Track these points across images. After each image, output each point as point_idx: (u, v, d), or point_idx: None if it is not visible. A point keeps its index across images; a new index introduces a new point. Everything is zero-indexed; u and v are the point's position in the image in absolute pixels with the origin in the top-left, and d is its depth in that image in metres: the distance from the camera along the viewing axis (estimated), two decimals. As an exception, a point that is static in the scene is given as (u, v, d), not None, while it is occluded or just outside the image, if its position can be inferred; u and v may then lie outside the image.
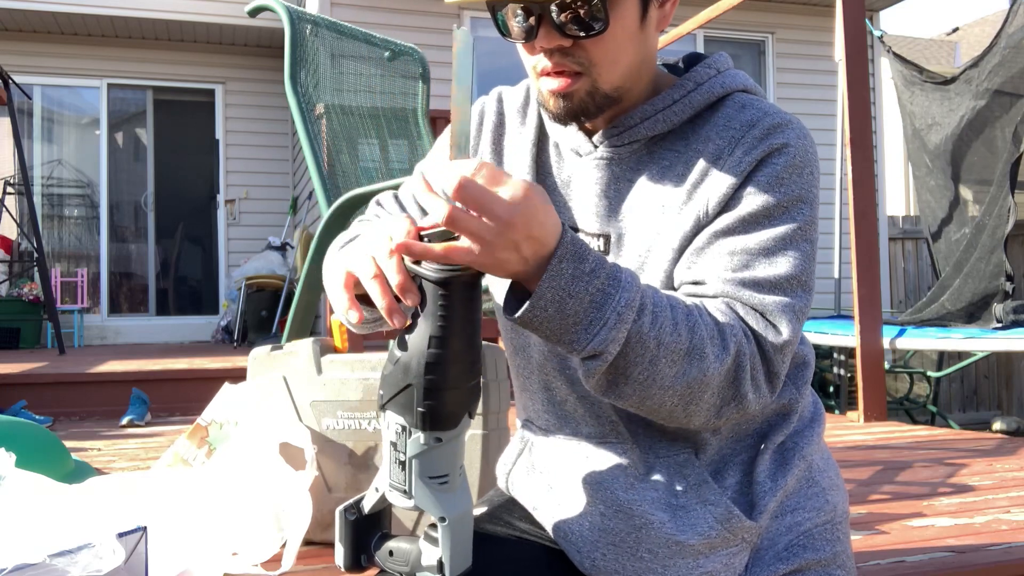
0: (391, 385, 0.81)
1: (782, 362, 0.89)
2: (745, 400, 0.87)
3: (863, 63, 3.62)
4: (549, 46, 0.90)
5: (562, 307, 0.79)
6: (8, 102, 5.50)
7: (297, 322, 2.16)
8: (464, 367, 0.80)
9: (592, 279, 0.79)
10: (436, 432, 0.81)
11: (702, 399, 0.85)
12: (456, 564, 0.84)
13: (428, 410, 0.80)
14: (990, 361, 7.86)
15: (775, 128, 0.92)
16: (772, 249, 0.90)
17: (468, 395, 0.83)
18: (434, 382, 0.79)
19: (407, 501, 0.84)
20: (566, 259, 0.78)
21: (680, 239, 0.93)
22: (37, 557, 1.01)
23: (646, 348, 0.81)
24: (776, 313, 0.89)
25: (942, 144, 5.30)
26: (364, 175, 2.58)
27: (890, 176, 10.28)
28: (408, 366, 0.80)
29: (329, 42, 2.56)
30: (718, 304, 0.89)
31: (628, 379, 0.83)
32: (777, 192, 0.90)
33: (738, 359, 0.86)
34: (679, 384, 0.83)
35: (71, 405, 4.03)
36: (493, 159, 1.06)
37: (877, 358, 3.50)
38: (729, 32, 7.26)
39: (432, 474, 0.82)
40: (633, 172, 0.97)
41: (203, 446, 1.67)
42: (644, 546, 0.94)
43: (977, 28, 16.76)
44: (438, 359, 0.78)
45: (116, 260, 8.06)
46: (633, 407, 0.87)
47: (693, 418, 0.87)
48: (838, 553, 0.98)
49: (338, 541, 0.93)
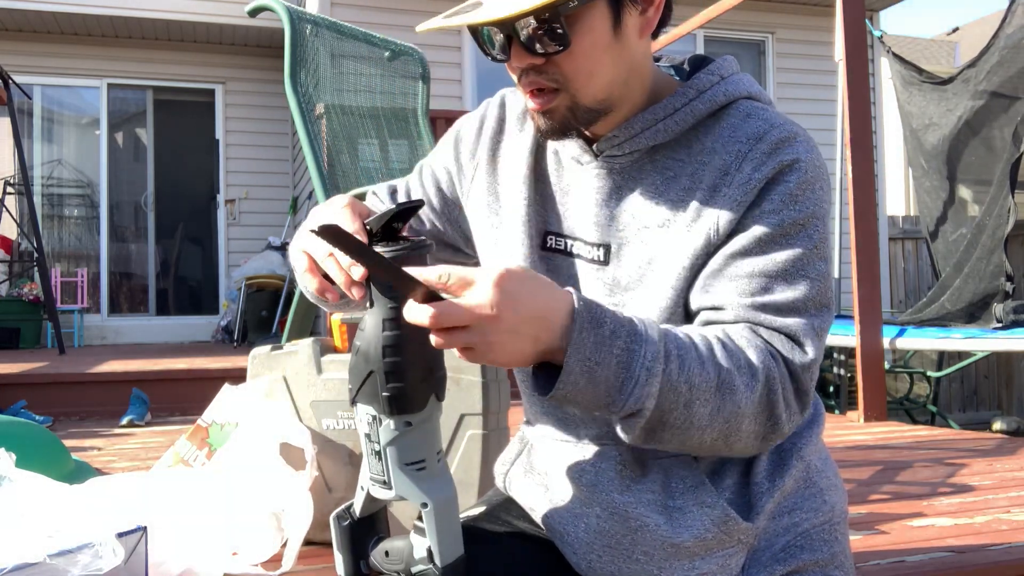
0: (356, 376, 0.82)
1: (810, 380, 0.89)
2: (780, 422, 0.87)
3: (863, 63, 3.62)
4: (521, 65, 0.90)
5: (592, 376, 0.79)
6: (8, 102, 5.49)
7: (297, 322, 2.16)
8: (423, 345, 0.79)
9: (615, 340, 0.80)
10: (405, 416, 0.82)
11: (740, 429, 0.85)
12: (446, 550, 0.83)
13: (393, 393, 0.80)
14: (990, 361, 7.85)
15: (783, 142, 0.91)
16: (790, 271, 0.89)
17: (432, 374, 0.83)
18: (395, 364, 0.79)
19: (388, 492, 0.84)
20: (585, 328, 0.79)
21: (691, 257, 0.91)
22: (37, 557, 1.01)
23: (679, 394, 0.82)
24: (800, 334, 0.89)
25: (939, 144, 5.30)
26: (364, 175, 2.58)
27: (890, 176, 10.28)
28: (368, 353, 0.81)
29: (329, 42, 2.56)
30: (740, 330, 0.88)
31: (666, 426, 0.83)
32: (791, 211, 0.89)
33: (769, 384, 0.86)
34: (717, 421, 0.84)
35: (71, 405, 4.03)
36: (490, 166, 1.06)
37: (877, 358, 3.50)
38: (729, 32, 7.26)
39: (408, 460, 0.83)
40: (634, 181, 0.96)
41: (203, 447, 1.67)
42: (640, 548, 0.94)
43: (977, 28, 16.76)
44: (395, 340, 0.79)
45: (116, 260, 8.06)
46: (675, 448, 0.87)
47: (735, 448, 0.88)
48: (836, 554, 0.97)
49: (336, 549, 0.93)
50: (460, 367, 1.57)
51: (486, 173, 1.06)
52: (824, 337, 0.91)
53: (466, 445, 1.58)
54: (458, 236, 1.11)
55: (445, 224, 1.11)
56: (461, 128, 1.11)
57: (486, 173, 1.06)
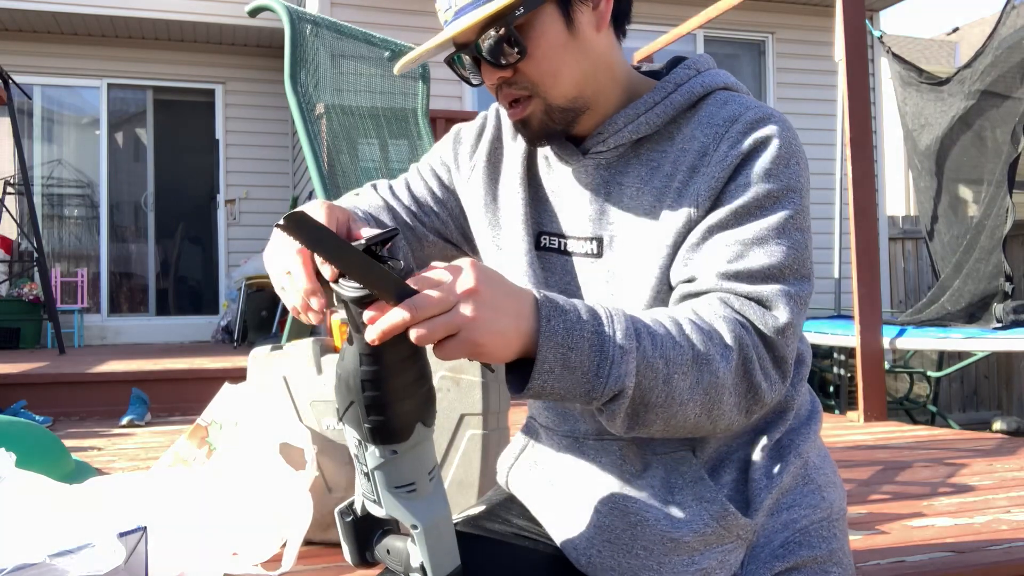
0: (341, 398, 0.79)
1: (786, 346, 0.89)
2: (760, 391, 0.87)
3: (863, 63, 3.63)
4: (492, 80, 0.94)
5: (567, 363, 0.78)
6: (8, 102, 5.50)
7: (297, 322, 2.16)
8: (406, 379, 0.76)
9: (583, 325, 0.79)
10: (389, 445, 0.78)
11: (722, 402, 0.85)
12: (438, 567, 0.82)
13: (375, 426, 0.77)
14: (990, 361, 7.86)
15: (758, 121, 0.93)
16: (765, 238, 0.90)
17: (416, 405, 0.79)
18: (375, 399, 0.76)
19: (380, 510, 0.82)
20: (553, 316, 0.78)
21: (673, 235, 0.93)
22: (37, 557, 1.01)
23: (656, 370, 0.81)
24: (772, 299, 0.88)
25: (932, 144, 5.30)
26: (364, 175, 2.58)
27: (890, 176, 10.29)
28: (348, 383, 0.77)
29: (329, 42, 2.56)
30: (710, 301, 0.89)
31: (648, 406, 0.82)
32: (767, 183, 0.91)
33: (743, 351, 0.86)
34: (697, 393, 0.83)
35: (71, 405, 4.03)
36: (487, 170, 1.08)
37: (877, 358, 3.50)
38: (729, 32, 7.27)
39: (397, 484, 0.80)
40: (621, 174, 0.99)
41: (203, 446, 1.67)
42: (639, 543, 0.95)
43: (977, 28, 16.76)
44: (373, 376, 0.75)
45: (116, 260, 8.06)
46: (660, 432, 0.86)
47: (719, 423, 0.87)
48: (835, 550, 0.98)
49: (343, 540, 0.94)
50: (460, 367, 1.57)
51: (483, 175, 1.08)
52: (803, 306, 0.91)
53: (466, 445, 1.58)
54: (458, 232, 1.13)
55: (447, 217, 1.12)
56: (461, 129, 1.14)
57: (483, 175, 1.08)
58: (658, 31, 5.46)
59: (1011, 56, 4.79)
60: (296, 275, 0.82)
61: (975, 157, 5.07)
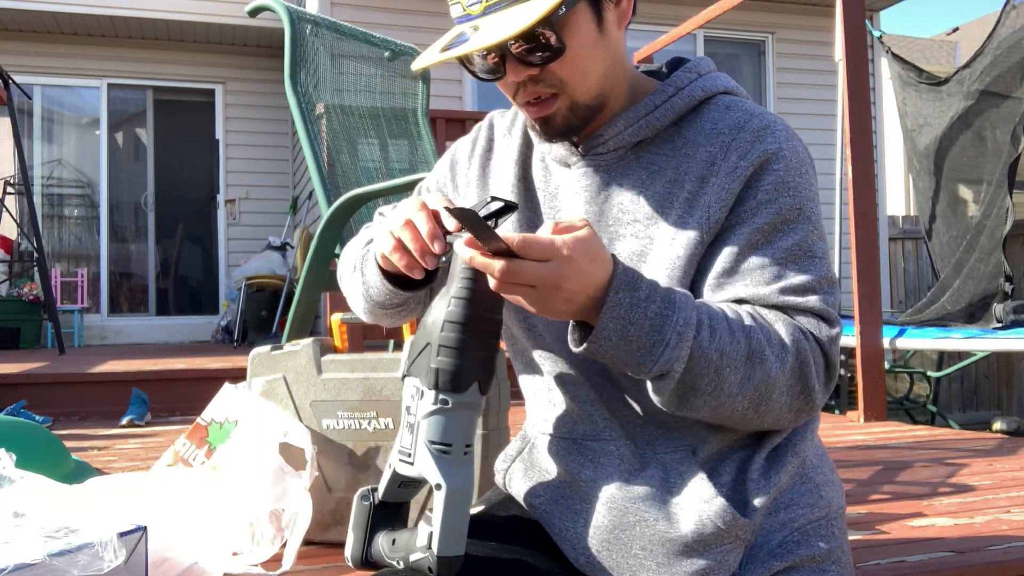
0: (413, 349, 0.87)
1: (836, 354, 0.94)
2: (813, 393, 0.91)
3: (863, 63, 3.62)
4: (518, 79, 0.93)
5: (625, 334, 0.83)
6: (8, 102, 5.49)
7: (297, 322, 2.16)
8: (480, 334, 0.85)
9: (649, 304, 0.84)
10: (445, 393, 0.85)
11: (771, 399, 0.89)
12: (446, 540, 0.84)
13: (441, 366, 0.84)
14: (990, 361, 7.86)
15: (764, 130, 0.94)
16: (799, 255, 0.93)
17: (482, 360, 0.86)
18: (451, 339, 0.84)
19: (411, 468, 0.87)
20: (622, 289, 0.83)
21: (686, 247, 0.94)
22: (37, 557, 1.01)
23: (709, 361, 0.85)
24: (821, 310, 0.93)
25: (931, 145, 5.30)
26: (364, 175, 2.58)
27: (890, 176, 10.28)
28: (427, 327, 0.86)
29: (329, 42, 2.56)
30: (768, 310, 0.92)
31: (697, 392, 0.87)
32: (787, 198, 0.93)
33: (800, 355, 0.90)
34: (747, 389, 0.88)
35: (71, 405, 4.03)
36: (480, 182, 1.09)
37: (877, 358, 3.50)
38: (729, 32, 7.27)
39: (436, 439, 0.86)
40: (621, 178, 0.99)
41: (203, 446, 1.67)
42: (638, 543, 0.95)
43: (977, 28, 16.76)
44: (458, 317, 0.84)
45: (116, 260, 8.06)
46: (707, 417, 0.91)
47: (766, 419, 0.91)
48: (833, 549, 0.98)
49: (351, 528, 0.94)
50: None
51: (477, 188, 1.10)
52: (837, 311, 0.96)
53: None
54: None
55: None
56: (457, 150, 1.16)
57: (477, 188, 1.10)
58: (658, 31, 5.46)
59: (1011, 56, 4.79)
60: (420, 222, 0.87)
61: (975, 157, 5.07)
